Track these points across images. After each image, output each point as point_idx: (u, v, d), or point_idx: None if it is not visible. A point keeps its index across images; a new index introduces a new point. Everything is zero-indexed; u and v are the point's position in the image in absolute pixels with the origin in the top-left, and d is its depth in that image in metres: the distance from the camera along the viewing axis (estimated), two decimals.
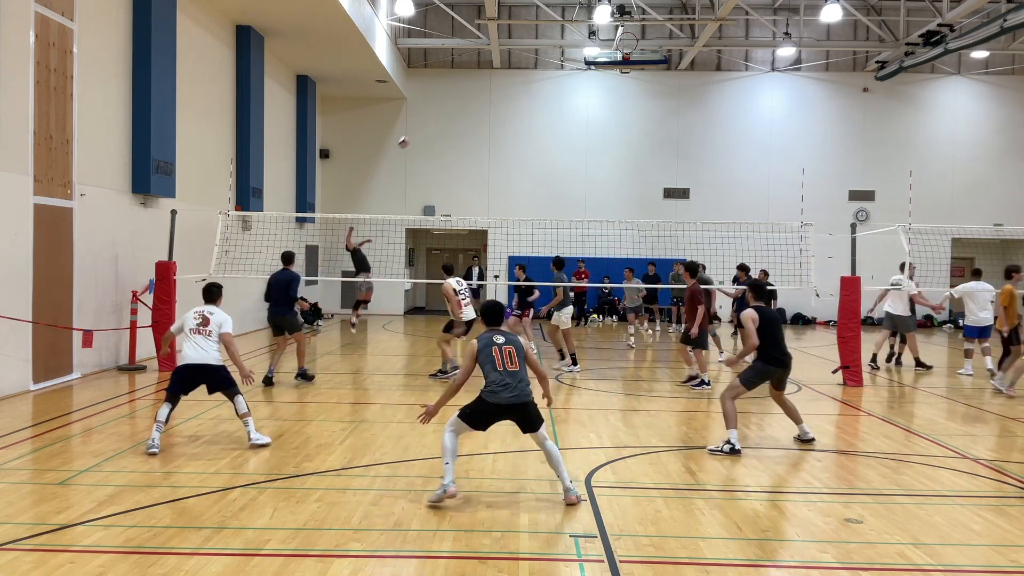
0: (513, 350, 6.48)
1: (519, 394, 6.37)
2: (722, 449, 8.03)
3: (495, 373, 6.39)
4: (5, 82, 10.38)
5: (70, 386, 11.48)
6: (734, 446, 8.01)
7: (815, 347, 19.09)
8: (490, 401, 6.39)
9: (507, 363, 6.43)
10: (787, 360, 8.42)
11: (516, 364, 6.45)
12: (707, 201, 25.94)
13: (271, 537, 5.49)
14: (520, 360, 6.49)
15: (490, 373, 6.42)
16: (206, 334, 8.14)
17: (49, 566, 4.94)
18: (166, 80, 14.35)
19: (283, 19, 18.32)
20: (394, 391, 11.87)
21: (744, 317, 8.34)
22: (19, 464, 7.32)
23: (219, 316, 8.27)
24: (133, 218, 13.93)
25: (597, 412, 10.32)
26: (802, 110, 26.54)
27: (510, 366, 6.42)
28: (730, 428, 8.11)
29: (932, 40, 21.78)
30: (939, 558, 5.36)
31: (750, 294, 8.88)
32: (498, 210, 25.51)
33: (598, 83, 26.50)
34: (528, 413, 6.43)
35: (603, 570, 5.07)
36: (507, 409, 6.40)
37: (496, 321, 6.74)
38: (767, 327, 8.29)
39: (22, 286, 10.78)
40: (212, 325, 8.18)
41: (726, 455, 7.96)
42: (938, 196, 25.67)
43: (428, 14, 25.74)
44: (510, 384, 6.36)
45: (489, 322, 6.74)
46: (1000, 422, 10.21)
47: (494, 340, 6.52)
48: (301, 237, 23.20)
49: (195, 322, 8.19)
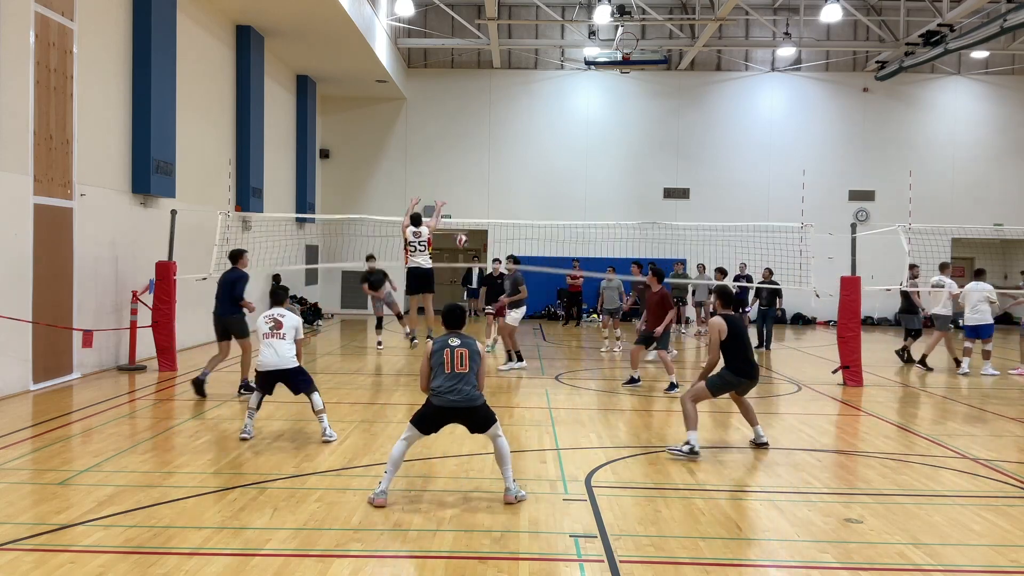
0: (466, 352, 6.43)
1: (465, 397, 6.34)
2: (681, 450, 7.88)
3: (442, 376, 6.37)
4: (5, 82, 10.38)
5: (70, 386, 11.47)
6: (693, 447, 7.85)
7: (815, 347, 19.09)
8: (435, 404, 6.39)
9: (456, 365, 6.38)
10: (754, 372, 8.23)
11: (466, 366, 6.39)
12: (707, 201, 25.94)
13: (271, 537, 5.49)
14: (472, 363, 6.43)
15: (438, 376, 6.40)
16: (280, 336, 8.45)
17: (49, 566, 4.94)
18: (166, 80, 14.35)
19: (283, 19, 18.32)
20: (394, 391, 11.87)
21: (711, 326, 8.13)
22: (19, 464, 7.32)
23: (291, 319, 8.62)
24: (133, 218, 13.93)
25: (597, 412, 10.32)
26: (802, 110, 26.54)
27: (459, 368, 6.37)
28: (690, 430, 7.94)
29: (932, 40, 21.79)
30: (939, 558, 5.36)
31: (717, 301, 8.53)
32: (498, 210, 25.50)
33: (598, 83, 26.50)
34: (476, 415, 6.42)
35: (603, 570, 5.07)
36: (452, 412, 6.38)
37: (455, 324, 6.69)
38: (736, 337, 8.08)
39: (22, 286, 10.78)
40: (285, 328, 8.51)
41: (685, 455, 7.82)
42: (938, 196, 25.67)
43: (428, 14, 25.74)
44: (455, 387, 6.33)
45: (448, 325, 6.69)
46: (1000, 422, 10.21)
47: (448, 343, 6.48)
48: (301, 237, 23.21)
49: (268, 326, 8.48)
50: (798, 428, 9.58)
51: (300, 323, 8.72)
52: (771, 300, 17.75)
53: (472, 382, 6.42)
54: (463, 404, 6.35)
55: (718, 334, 8.03)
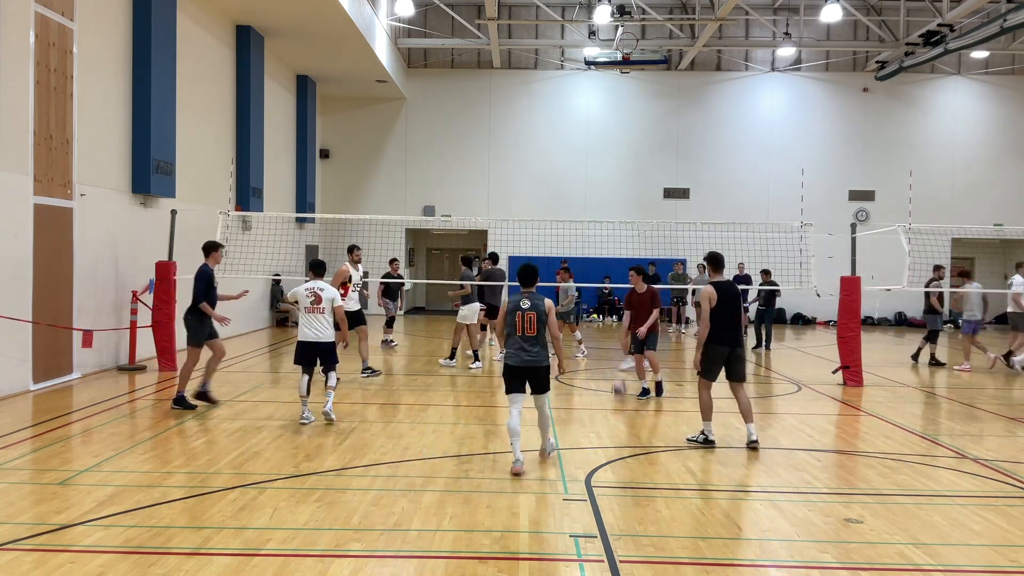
0: (533, 316, 7.24)
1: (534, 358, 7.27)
2: (697, 439, 8.45)
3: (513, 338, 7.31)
4: (5, 82, 10.38)
5: (70, 386, 11.48)
6: (707, 437, 8.39)
7: (815, 347, 19.09)
8: (509, 364, 7.33)
9: (525, 329, 7.27)
10: (738, 339, 8.31)
11: (533, 330, 7.25)
12: (707, 201, 25.95)
13: (271, 537, 5.49)
14: (540, 325, 7.26)
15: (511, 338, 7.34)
16: (319, 311, 8.91)
17: (49, 566, 4.94)
18: (166, 80, 14.35)
19: (283, 19, 18.32)
20: (394, 391, 11.87)
21: (702, 294, 8.21)
22: (19, 464, 7.32)
23: (329, 292, 9.03)
24: (133, 218, 13.93)
25: (597, 412, 10.31)
26: (802, 110, 26.55)
27: (528, 332, 7.26)
28: (704, 420, 8.47)
29: (932, 40, 21.79)
30: (939, 558, 5.36)
31: (709, 267, 8.57)
32: (498, 210, 25.52)
33: (598, 83, 26.51)
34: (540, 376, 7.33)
35: (603, 570, 5.07)
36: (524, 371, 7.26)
37: (529, 283, 7.47)
38: (724, 304, 8.16)
39: (22, 286, 10.77)
40: (324, 302, 8.94)
41: (700, 445, 8.34)
42: (938, 196, 25.68)
43: (428, 14, 25.75)
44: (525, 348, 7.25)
45: (524, 283, 7.50)
46: (1000, 422, 10.21)
47: (520, 305, 7.30)
48: (301, 237, 23.21)
49: (308, 300, 8.93)
50: (798, 428, 9.58)
51: (337, 294, 9.15)
52: (769, 300, 17.76)
53: (541, 343, 7.28)
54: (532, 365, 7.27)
55: (708, 303, 8.16)
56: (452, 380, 12.76)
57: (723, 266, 8.53)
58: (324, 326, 8.94)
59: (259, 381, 12.54)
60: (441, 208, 26.00)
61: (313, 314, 8.89)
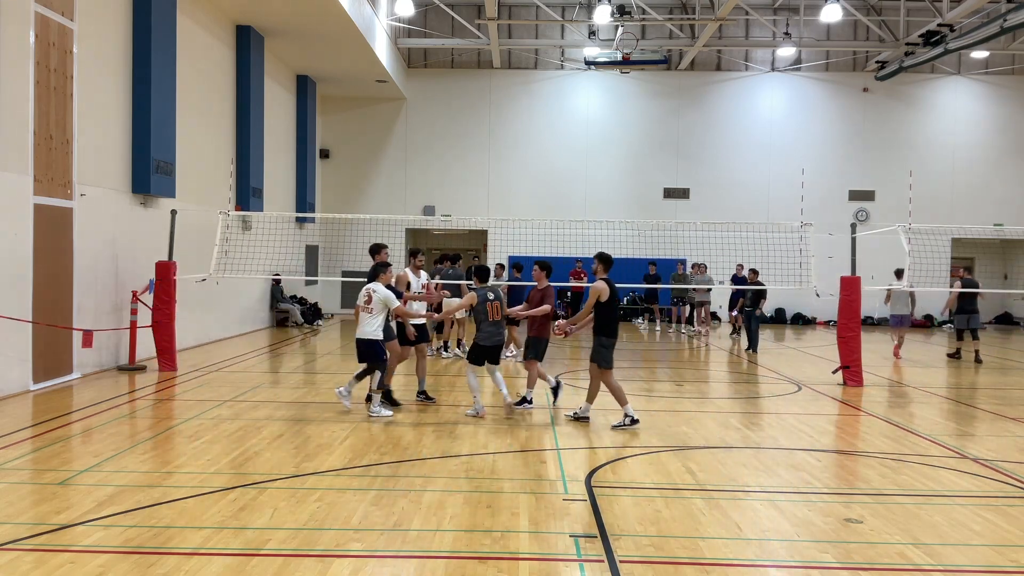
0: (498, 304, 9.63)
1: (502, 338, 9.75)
2: (624, 424, 9.12)
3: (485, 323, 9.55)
4: (5, 82, 10.38)
5: (70, 386, 11.47)
6: (632, 417, 9.16)
7: (815, 347, 19.09)
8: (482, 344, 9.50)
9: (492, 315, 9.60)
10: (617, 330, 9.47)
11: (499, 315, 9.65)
12: (707, 201, 25.95)
13: (271, 537, 5.49)
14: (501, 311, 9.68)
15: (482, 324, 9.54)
16: (368, 311, 9.51)
17: (49, 566, 4.94)
18: (166, 80, 14.35)
19: (283, 19, 18.32)
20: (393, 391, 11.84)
21: (594, 289, 9.07)
22: (19, 464, 7.31)
23: (381, 293, 9.52)
24: (133, 218, 13.92)
25: (597, 412, 10.30)
26: (802, 110, 26.55)
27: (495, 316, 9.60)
28: (622, 404, 9.20)
29: (932, 40, 21.79)
30: (939, 558, 5.36)
31: (600, 266, 9.31)
32: (498, 210, 25.51)
33: (598, 83, 26.51)
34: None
35: (603, 570, 5.07)
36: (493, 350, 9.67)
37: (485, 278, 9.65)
38: (614, 298, 9.19)
39: (22, 286, 10.77)
40: (374, 303, 9.50)
41: (627, 427, 9.06)
42: (938, 196, 25.69)
43: (428, 14, 25.75)
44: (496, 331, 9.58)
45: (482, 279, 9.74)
46: (1000, 422, 10.21)
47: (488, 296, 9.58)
48: (301, 237, 23.21)
49: (362, 299, 9.58)
50: (798, 428, 9.58)
51: (391, 295, 9.57)
52: (755, 301, 17.59)
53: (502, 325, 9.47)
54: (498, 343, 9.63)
55: (597, 297, 9.07)
56: (452, 381, 12.75)
57: (612, 265, 9.40)
58: (369, 323, 9.50)
59: (259, 381, 12.54)
60: (441, 208, 26.00)
61: (362, 312, 9.55)
